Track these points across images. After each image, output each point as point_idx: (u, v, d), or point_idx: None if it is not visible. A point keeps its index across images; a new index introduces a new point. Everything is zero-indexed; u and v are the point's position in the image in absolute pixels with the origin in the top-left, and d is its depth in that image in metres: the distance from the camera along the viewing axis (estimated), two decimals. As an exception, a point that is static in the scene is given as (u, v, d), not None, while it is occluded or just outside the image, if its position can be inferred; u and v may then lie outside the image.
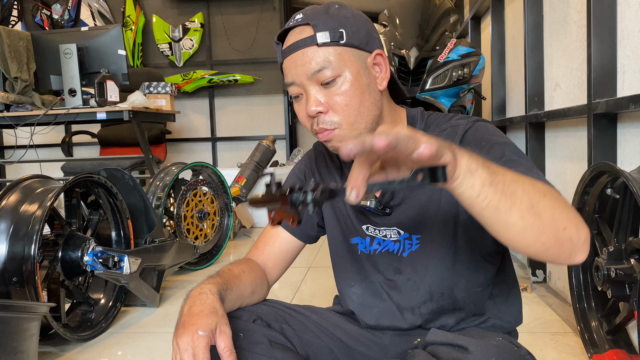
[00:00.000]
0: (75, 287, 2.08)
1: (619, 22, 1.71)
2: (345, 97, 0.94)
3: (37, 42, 3.18)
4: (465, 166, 0.66)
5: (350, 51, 0.94)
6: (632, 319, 1.48)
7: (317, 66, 0.92)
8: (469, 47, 2.75)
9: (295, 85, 0.96)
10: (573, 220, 0.74)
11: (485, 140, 0.93)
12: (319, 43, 0.92)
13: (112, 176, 2.27)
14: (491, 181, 0.68)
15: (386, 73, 0.99)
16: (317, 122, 0.96)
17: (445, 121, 1.03)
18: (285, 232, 1.17)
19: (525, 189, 0.71)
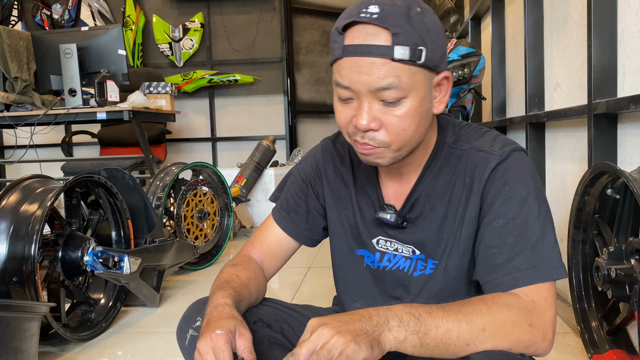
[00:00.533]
0: (76, 287, 2.08)
1: (619, 23, 1.71)
2: (404, 122, 0.85)
3: (37, 42, 3.18)
4: (393, 343, 0.74)
5: (423, 72, 0.85)
6: (632, 319, 1.48)
7: (385, 83, 0.82)
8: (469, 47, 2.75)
9: (350, 90, 0.85)
10: (520, 340, 0.79)
11: (510, 186, 0.89)
12: (395, 58, 0.81)
13: (112, 176, 2.27)
14: (421, 343, 0.75)
15: (446, 96, 0.91)
16: (364, 136, 0.87)
17: (477, 137, 0.97)
18: (285, 235, 1.13)
19: (460, 333, 0.77)
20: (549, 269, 0.84)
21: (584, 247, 1.72)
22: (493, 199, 0.89)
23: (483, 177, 0.91)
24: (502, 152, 0.91)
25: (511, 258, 0.85)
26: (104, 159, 3.92)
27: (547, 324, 0.82)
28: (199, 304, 1.01)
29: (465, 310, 0.79)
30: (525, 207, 0.87)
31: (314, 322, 0.75)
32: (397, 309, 0.77)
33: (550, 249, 0.86)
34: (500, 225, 0.87)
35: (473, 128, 1.00)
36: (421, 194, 0.98)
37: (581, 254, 1.73)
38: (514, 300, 0.82)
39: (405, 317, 0.76)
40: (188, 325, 0.97)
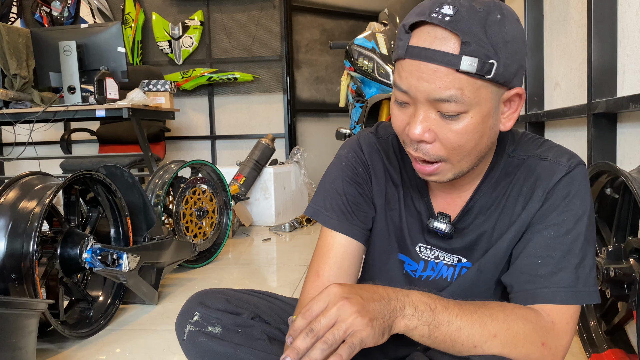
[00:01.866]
0: (74, 284, 2.08)
1: (620, 22, 1.71)
2: (462, 138, 0.79)
3: (37, 39, 3.17)
4: (403, 329, 0.75)
5: (491, 87, 0.77)
6: (630, 318, 1.48)
7: (445, 95, 0.75)
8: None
9: (407, 95, 0.79)
10: (528, 353, 0.79)
11: (570, 200, 0.86)
12: (460, 70, 0.74)
13: (111, 173, 2.27)
14: (430, 335, 0.76)
15: (516, 113, 0.84)
16: (417, 148, 0.82)
17: (537, 145, 0.92)
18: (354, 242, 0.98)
19: (470, 334, 0.77)
20: (586, 292, 0.83)
21: (583, 247, 1.72)
22: (550, 209, 0.87)
23: (548, 186, 0.88)
24: (570, 163, 0.88)
25: (554, 273, 0.83)
26: (103, 157, 3.92)
27: (560, 347, 0.81)
28: (196, 298, 1.01)
29: (482, 313, 0.78)
30: (578, 225, 0.85)
31: (335, 290, 0.73)
32: (415, 296, 0.77)
33: (588, 272, 0.85)
34: (551, 236, 0.85)
35: (531, 137, 0.95)
36: (475, 205, 0.94)
37: (580, 253, 1.72)
38: (533, 316, 0.81)
39: (422, 306, 0.76)
40: (186, 321, 0.97)
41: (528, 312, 0.81)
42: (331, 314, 0.71)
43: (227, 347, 0.92)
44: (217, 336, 0.93)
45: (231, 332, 0.94)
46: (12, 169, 5.27)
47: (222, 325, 0.95)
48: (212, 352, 0.93)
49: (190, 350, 0.96)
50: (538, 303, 0.83)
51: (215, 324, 0.95)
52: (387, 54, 2.64)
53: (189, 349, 0.96)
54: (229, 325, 0.95)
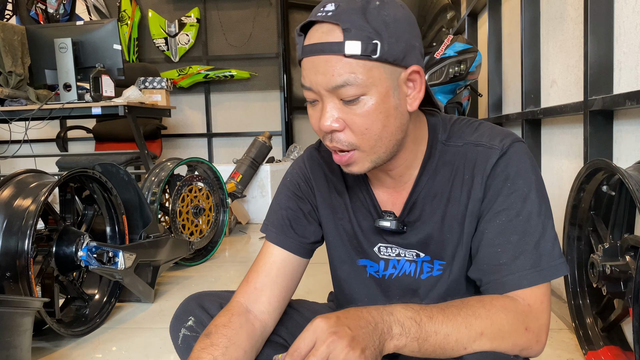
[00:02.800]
0: (70, 282, 2.07)
1: (616, 19, 1.71)
2: (367, 120, 0.81)
3: (32, 36, 3.16)
4: (392, 349, 0.75)
5: (382, 67, 0.80)
6: (626, 315, 1.48)
7: (339, 81, 0.79)
8: (466, 43, 2.75)
9: (313, 92, 0.84)
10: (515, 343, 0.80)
11: (512, 181, 0.87)
12: (347, 54, 0.78)
13: (107, 171, 2.26)
14: (419, 349, 0.76)
15: (420, 92, 0.86)
16: (331, 138, 0.84)
17: (472, 131, 0.93)
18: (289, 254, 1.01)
19: (459, 338, 0.77)
20: (551, 267, 0.84)
21: (579, 244, 1.72)
22: (495, 195, 0.87)
23: (485, 173, 0.88)
24: (502, 145, 0.88)
25: (515, 257, 0.84)
26: (99, 154, 3.91)
27: (541, 327, 0.82)
28: (190, 301, 1.00)
29: (465, 314, 0.79)
30: (527, 203, 0.86)
31: (321, 325, 0.73)
32: (399, 313, 0.76)
33: (551, 246, 0.85)
34: (503, 222, 0.86)
35: (465, 123, 0.96)
36: (419, 197, 0.94)
37: (576, 251, 1.73)
38: (511, 304, 0.82)
39: (407, 322, 0.76)
40: (180, 325, 0.97)
41: (506, 301, 0.82)
42: (321, 352, 0.70)
43: None
44: None
45: None
46: (7, 166, 5.25)
47: None
48: None
49: (184, 354, 0.96)
50: (508, 291, 0.84)
51: None
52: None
53: (183, 353, 0.96)
54: None
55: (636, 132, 1.60)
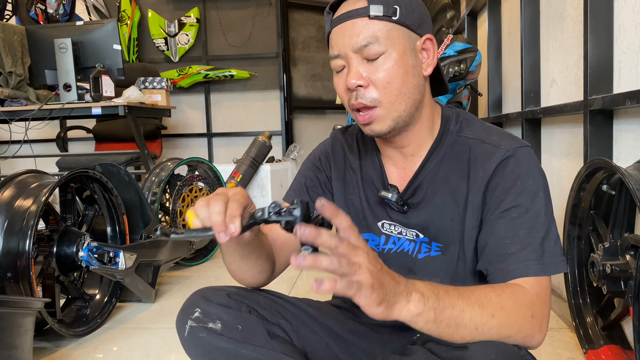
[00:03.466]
0: (70, 282, 2.07)
1: (616, 18, 1.71)
2: (388, 74, 0.92)
3: (32, 36, 3.16)
4: (407, 315, 0.74)
5: (401, 30, 0.93)
6: (627, 314, 1.48)
7: (364, 40, 0.91)
8: (466, 43, 2.75)
9: (340, 58, 0.95)
10: (521, 329, 0.82)
11: (521, 181, 0.91)
12: (371, 15, 0.91)
13: (108, 171, 2.27)
14: (435, 319, 0.76)
15: (433, 59, 0.98)
16: (356, 96, 0.94)
17: (482, 129, 1.00)
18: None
19: (473, 316, 0.79)
20: (553, 264, 0.88)
21: (580, 243, 1.73)
22: (505, 193, 0.92)
23: (488, 170, 0.93)
24: (510, 146, 0.94)
25: (522, 249, 0.88)
26: (99, 155, 3.90)
27: (544, 316, 0.85)
28: (198, 294, 1.00)
29: (478, 295, 0.81)
30: (536, 202, 0.90)
31: (361, 240, 0.72)
32: (419, 283, 0.77)
33: (554, 244, 0.89)
34: (514, 218, 0.90)
35: (476, 119, 1.04)
36: (424, 179, 1.01)
37: (576, 250, 1.73)
38: (520, 291, 0.84)
39: (427, 292, 0.77)
40: (187, 316, 0.96)
41: (515, 288, 0.84)
42: (348, 250, 0.69)
43: (228, 343, 0.92)
44: (217, 332, 0.93)
45: (231, 328, 0.94)
46: (7, 167, 5.25)
47: (222, 322, 0.94)
48: (213, 347, 0.93)
49: (190, 346, 0.95)
50: (515, 278, 0.87)
51: (216, 320, 0.94)
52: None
53: (189, 345, 0.96)
54: (229, 321, 0.95)
55: (636, 132, 1.61)
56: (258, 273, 1.02)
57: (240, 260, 0.97)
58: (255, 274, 1.02)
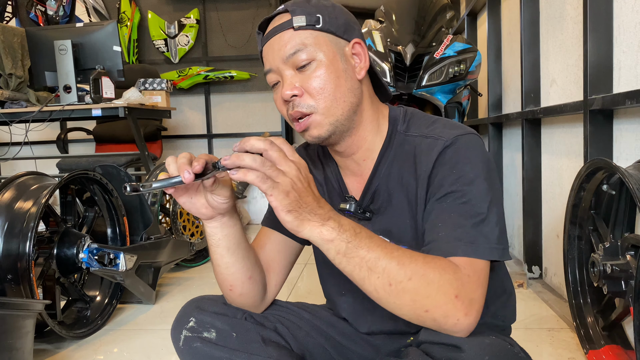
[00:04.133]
0: (71, 284, 2.07)
1: (615, 18, 1.71)
2: (320, 81, 0.93)
3: (32, 38, 3.15)
4: (316, 236, 0.79)
5: (327, 36, 0.94)
6: (627, 314, 1.48)
7: (292, 49, 0.92)
8: (466, 43, 2.75)
9: (273, 72, 0.96)
10: (441, 305, 0.79)
11: (458, 168, 0.90)
12: (295, 27, 0.93)
13: (108, 173, 2.27)
14: (345, 253, 0.79)
15: (365, 62, 0.98)
16: (293, 105, 0.94)
17: (427, 124, 0.99)
18: (277, 234, 1.09)
19: (386, 268, 0.78)
20: (487, 248, 0.85)
21: (580, 243, 1.72)
22: (441, 181, 0.91)
23: (430, 162, 0.93)
24: (449, 136, 0.93)
25: (453, 230, 0.86)
26: (99, 156, 3.90)
27: (474, 301, 0.81)
28: (192, 304, 1.00)
29: (403, 253, 0.80)
30: (472, 187, 0.88)
31: (296, 156, 0.79)
32: (345, 219, 0.81)
33: (490, 230, 0.86)
34: (448, 203, 0.89)
35: (423, 116, 1.03)
36: (380, 184, 1.01)
37: (577, 250, 1.73)
38: (451, 268, 0.81)
39: (347, 226, 0.80)
40: (181, 326, 0.97)
41: (448, 264, 0.82)
42: (287, 162, 0.77)
43: (223, 352, 0.92)
44: (212, 341, 0.93)
45: (226, 337, 0.94)
46: (8, 169, 5.25)
47: (216, 330, 0.94)
48: (208, 357, 0.93)
49: (186, 356, 0.95)
50: (444, 256, 0.84)
51: (210, 329, 0.94)
52: (384, 52, 2.63)
53: (184, 355, 0.96)
54: (224, 329, 0.95)
55: (636, 131, 1.60)
56: (247, 279, 0.98)
57: (228, 253, 0.95)
58: (245, 279, 0.98)
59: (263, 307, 1.06)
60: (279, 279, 1.09)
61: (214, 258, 0.97)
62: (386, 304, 0.81)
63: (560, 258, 1.85)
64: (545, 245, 2.46)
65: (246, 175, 0.75)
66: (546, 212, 2.44)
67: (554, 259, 2.33)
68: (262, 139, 0.78)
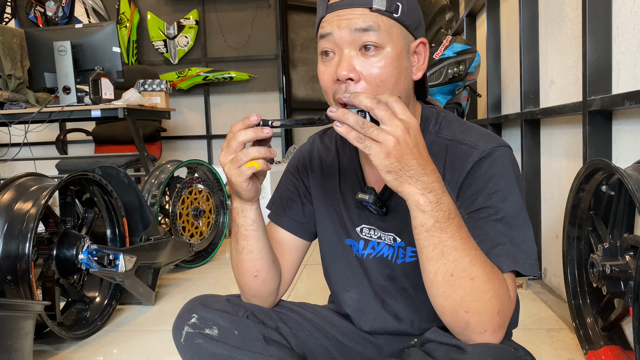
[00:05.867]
0: (70, 285, 2.07)
1: (614, 19, 1.71)
2: (384, 72, 0.86)
3: (31, 39, 3.16)
4: (412, 199, 0.76)
5: (400, 29, 0.88)
6: (626, 315, 1.48)
7: (364, 24, 0.85)
8: (465, 44, 2.75)
9: (331, 38, 0.87)
10: (482, 313, 0.79)
11: (493, 183, 0.88)
12: (373, 8, 0.85)
13: (107, 174, 2.27)
14: (429, 229, 0.77)
15: (424, 64, 0.94)
16: (345, 89, 0.87)
17: (461, 129, 0.96)
18: (284, 232, 1.10)
19: (457, 260, 0.77)
20: (526, 264, 0.85)
21: (579, 244, 1.73)
22: (476, 194, 0.88)
23: (463, 171, 0.90)
24: (486, 146, 0.91)
25: (493, 247, 0.85)
26: (98, 157, 3.90)
27: (506, 322, 0.82)
28: (194, 302, 1.00)
29: (479, 254, 0.79)
30: (507, 204, 0.87)
31: (407, 113, 0.76)
32: (447, 197, 0.78)
33: (526, 246, 0.86)
34: (482, 219, 0.87)
35: (457, 119, 1.00)
36: None
37: (576, 251, 1.73)
38: (505, 286, 0.82)
39: (444, 205, 0.77)
40: (183, 323, 0.96)
41: (504, 281, 0.82)
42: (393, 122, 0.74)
43: (224, 349, 0.92)
44: (214, 338, 0.93)
45: (227, 334, 0.94)
46: (7, 169, 5.25)
47: (218, 327, 0.94)
48: (210, 353, 0.92)
49: (187, 352, 0.95)
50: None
51: (212, 326, 0.94)
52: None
53: (186, 352, 0.96)
54: (226, 326, 0.95)
55: (635, 132, 1.61)
56: (272, 262, 1.02)
57: (263, 235, 0.98)
58: (271, 262, 1.01)
59: (274, 300, 1.08)
60: (288, 273, 1.09)
61: (249, 245, 0.97)
62: (436, 290, 0.80)
63: (560, 259, 1.85)
64: (544, 246, 2.47)
65: (348, 133, 0.74)
66: (545, 213, 2.45)
67: (553, 260, 2.33)
68: (371, 97, 0.75)
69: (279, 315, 1.05)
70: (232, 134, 0.84)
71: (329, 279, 1.13)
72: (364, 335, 1.09)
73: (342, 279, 1.08)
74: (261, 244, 0.98)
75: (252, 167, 0.84)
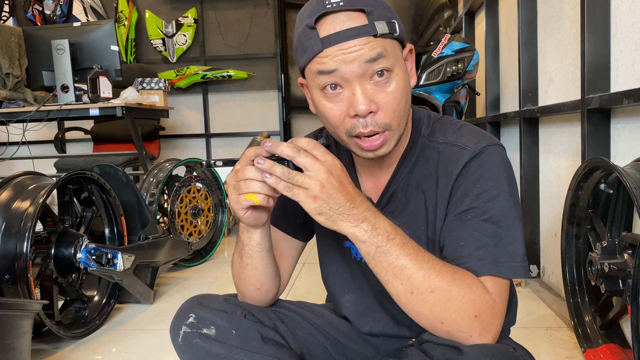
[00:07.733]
0: (69, 284, 2.07)
1: (613, 17, 1.71)
2: (396, 97, 0.85)
3: (29, 37, 3.15)
4: (351, 235, 0.79)
5: (398, 45, 0.87)
6: (625, 313, 1.48)
7: (374, 54, 0.81)
8: (463, 42, 2.75)
9: (338, 73, 0.82)
10: (458, 321, 0.79)
11: (481, 183, 0.87)
12: (378, 34, 0.82)
13: (105, 173, 2.26)
14: (374, 256, 0.80)
15: (413, 70, 0.92)
16: (366, 123, 0.84)
17: (453, 130, 0.95)
18: (282, 234, 1.10)
19: (411, 278, 0.79)
20: (510, 267, 0.84)
21: (578, 242, 1.73)
22: (464, 195, 0.88)
23: (454, 172, 0.90)
24: (476, 147, 0.90)
25: (476, 249, 0.84)
26: (97, 156, 3.90)
27: (492, 325, 0.81)
28: (192, 301, 1.00)
29: (432, 266, 0.80)
30: (495, 204, 0.86)
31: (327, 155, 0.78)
32: (381, 220, 0.80)
33: (513, 248, 0.85)
34: (469, 219, 0.87)
35: (449, 121, 0.99)
36: (398, 187, 0.98)
37: (575, 249, 1.73)
38: (479, 289, 0.81)
39: (380, 230, 0.79)
40: (181, 322, 0.96)
41: (477, 285, 0.81)
42: (315, 166, 0.77)
43: (222, 349, 0.92)
44: (211, 337, 0.93)
45: (225, 334, 0.93)
46: (5, 168, 5.24)
47: (216, 327, 0.94)
48: (207, 353, 0.92)
49: (184, 352, 0.95)
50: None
51: (210, 326, 0.94)
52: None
53: (183, 351, 0.95)
54: (223, 326, 0.94)
55: (633, 130, 1.61)
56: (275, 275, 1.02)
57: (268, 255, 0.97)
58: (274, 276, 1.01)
59: (273, 301, 1.08)
60: (285, 274, 1.10)
61: (253, 262, 0.96)
62: (405, 308, 0.82)
63: (558, 257, 1.85)
64: (543, 244, 2.47)
65: (277, 184, 0.78)
66: (544, 211, 2.45)
67: (551, 258, 2.33)
68: (291, 146, 0.78)
69: (276, 315, 1.04)
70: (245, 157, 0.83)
71: (327, 280, 1.13)
72: (362, 335, 1.09)
73: (341, 281, 1.08)
74: (265, 262, 0.97)
75: (250, 199, 0.82)
